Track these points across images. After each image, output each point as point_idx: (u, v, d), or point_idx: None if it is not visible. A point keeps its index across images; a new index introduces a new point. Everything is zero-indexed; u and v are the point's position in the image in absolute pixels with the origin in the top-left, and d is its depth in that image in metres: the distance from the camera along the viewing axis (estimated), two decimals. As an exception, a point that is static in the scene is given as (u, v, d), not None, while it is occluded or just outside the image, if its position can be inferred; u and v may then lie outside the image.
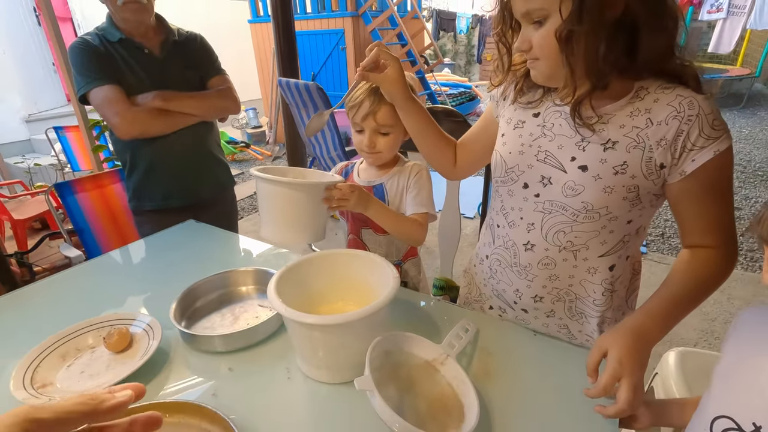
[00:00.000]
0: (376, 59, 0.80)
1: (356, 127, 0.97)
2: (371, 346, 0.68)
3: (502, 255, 0.87)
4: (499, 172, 0.84)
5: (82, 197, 2.08)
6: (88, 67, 1.29)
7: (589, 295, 0.82)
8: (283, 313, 0.70)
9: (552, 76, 0.70)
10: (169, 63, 1.41)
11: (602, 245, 0.77)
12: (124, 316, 0.88)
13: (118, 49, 1.34)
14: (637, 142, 0.68)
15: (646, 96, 0.68)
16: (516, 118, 0.82)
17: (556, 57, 0.65)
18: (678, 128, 0.65)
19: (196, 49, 1.48)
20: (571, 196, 0.74)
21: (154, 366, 0.80)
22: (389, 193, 1.01)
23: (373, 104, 0.92)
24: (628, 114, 0.69)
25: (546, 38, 0.65)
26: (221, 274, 1.00)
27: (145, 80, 1.36)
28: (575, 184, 0.73)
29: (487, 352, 0.83)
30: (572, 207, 0.74)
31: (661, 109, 0.66)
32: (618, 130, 0.69)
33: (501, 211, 0.86)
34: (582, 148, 0.73)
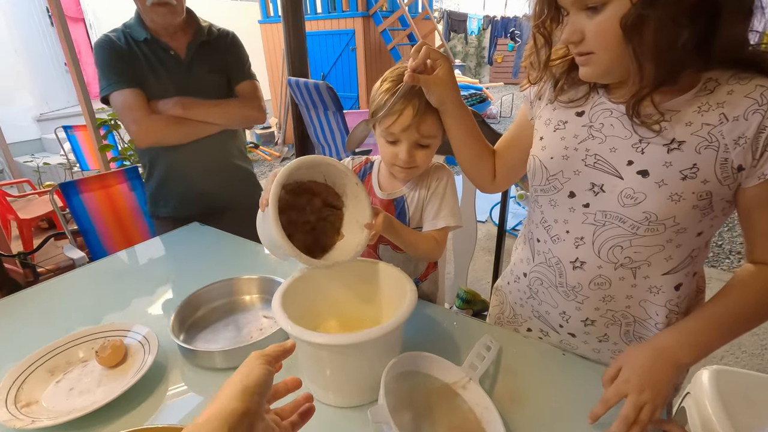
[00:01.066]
0: (425, 59, 0.71)
1: (389, 138, 0.82)
2: (386, 370, 0.61)
3: (544, 273, 0.78)
4: (538, 180, 0.75)
5: (87, 197, 2.04)
6: (111, 68, 1.24)
7: (650, 317, 0.73)
8: (289, 330, 0.63)
9: (609, 71, 0.61)
10: (195, 66, 1.33)
11: (667, 261, 0.68)
12: (118, 327, 0.82)
13: (143, 48, 1.28)
14: (708, 141, 0.59)
15: (716, 88, 0.59)
16: (556, 119, 0.73)
17: (617, 49, 0.56)
18: (760, 123, 0.56)
19: (225, 50, 1.39)
20: (630, 206, 0.65)
21: (150, 383, 0.74)
22: (410, 206, 0.91)
23: (417, 113, 0.77)
24: (695, 109, 0.60)
25: (606, 27, 0.56)
26: (224, 282, 0.94)
27: (169, 84, 1.30)
28: (634, 192, 0.64)
29: (512, 374, 0.76)
30: (631, 218, 0.65)
31: (739, 103, 0.57)
32: (684, 128, 0.60)
33: (542, 223, 0.77)
34: (640, 150, 0.63)
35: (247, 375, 0.43)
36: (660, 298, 0.70)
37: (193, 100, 1.29)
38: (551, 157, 0.72)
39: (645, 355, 0.63)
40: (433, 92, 0.74)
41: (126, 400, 0.69)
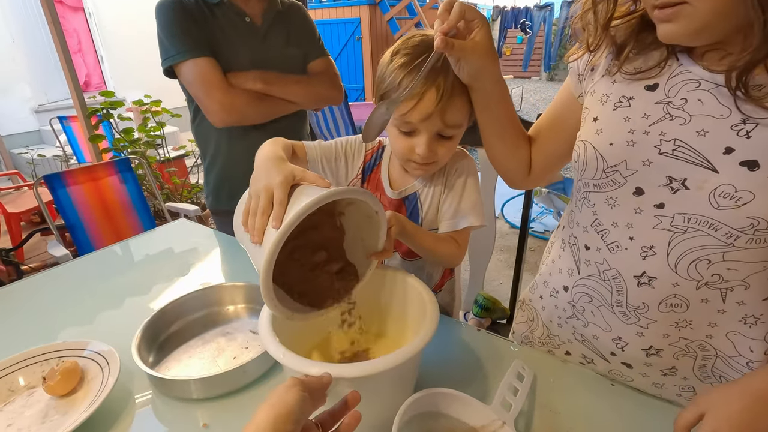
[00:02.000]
0: (460, 19, 0.55)
1: (405, 128, 0.66)
2: (399, 413, 0.47)
3: (594, 288, 0.63)
4: (591, 172, 0.59)
5: (74, 190, 1.92)
6: (182, 32, 1.06)
7: (740, 353, 0.58)
8: (279, 359, 0.50)
9: (705, 27, 0.45)
10: (272, 36, 1.18)
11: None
12: (72, 345, 0.68)
13: (216, 13, 1.11)
14: None
15: None
16: (617, 94, 0.57)
17: None
18: None
19: (300, 22, 1.25)
20: (728, 208, 0.49)
21: (110, 415, 0.61)
22: (424, 204, 0.76)
23: (443, 97, 0.62)
24: None
25: None
26: (203, 291, 0.80)
27: (244, 54, 1.14)
28: (735, 190, 0.48)
29: (551, 411, 0.62)
30: (728, 224, 0.50)
31: None
32: None
33: (593, 227, 0.61)
34: (746, 133, 0.48)
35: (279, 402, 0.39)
36: (758, 330, 0.55)
37: (274, 74, 1.14)
38: (611, 143, 0.56)
39: (740, 401, 0.48)
40: (468, 62, 0.58)
41: (78, 438, 0.56)
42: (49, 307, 0.90)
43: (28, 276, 1.95)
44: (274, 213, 0.49)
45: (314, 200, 0.46)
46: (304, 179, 0.53)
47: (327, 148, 0.77)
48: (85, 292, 0.95)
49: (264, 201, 0.50)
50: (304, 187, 0.53)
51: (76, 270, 1.07)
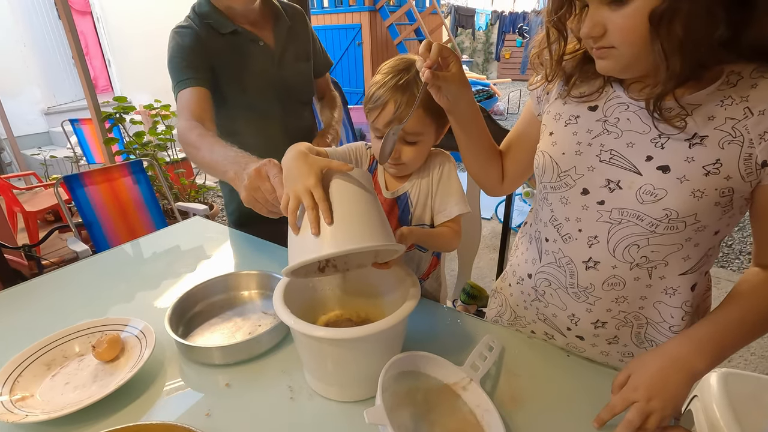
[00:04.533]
0: (438, 56, 0.66)
1: (377, 133, 0.81)
2: (384, 369, 0.59)
3: (552, 274, 0.76)
4: (548, 176, 0.72)
5: (91, 190, 2.05)
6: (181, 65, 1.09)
7: (664, 319, 0.70)
8: (291, 324, 0.62)
9: (630, 66, 0.58)
10: (285, 56, 1.22)
11: (685, 261, 0.66)
12: (115, 321, 0.81)
13: (232, 41, 1.15)
14: (732, 135, 0.57)
15: (739, 81, 0.57)
16: (567, 113, 0.71)
17: (643, 43, 0.54)
18: None
19: (304, 32, 1.28)
20: (649, 203, 0.62)
21: (146, 378, 0.73)
22: (414, 201, 0.88)
23: (399, 107, 0.75)
24: (717, 103, 0.57)
25: (633, 21, 0.53)
26: (223, 277, 0.93)
27: (261, 78, 1.18)
28: (654, 188, 0.61)
29: (514, 375, 0.74)
30: (650, 215, 0.63)
31: (763, 97, 0.55)
32: (707, 122, 0.58)
33: (551, 222, 0.74)
34: (660, 145, 0.61)
35: None
36: (676, 299, 0.68)
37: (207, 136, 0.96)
38: (563, 152, 0.69)
39: (657, 363, 0.61)
40: (447, 90, 0.70)
41: (122, 395, 0.68)
42: (92, 290, 1.03)
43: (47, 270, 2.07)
44: (322, 210, 0.58)
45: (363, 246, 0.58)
46: (330, 167, 0.63)
47: (341, 153, 0.90)
48: (120, 278, 1.07)
49: (308, 200, 0.59)
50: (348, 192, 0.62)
51: (111, 259, 1.19)
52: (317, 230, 0.58)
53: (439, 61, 0.68)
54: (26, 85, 4.83)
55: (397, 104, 0.76)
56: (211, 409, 0.67)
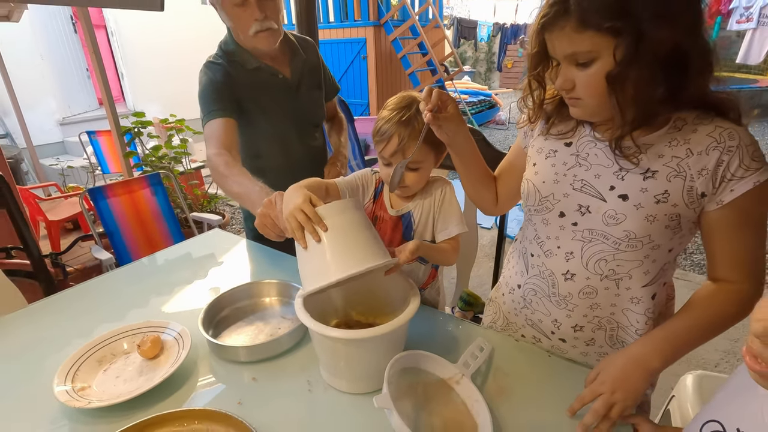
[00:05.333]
0: (438, 100, 0.78)
1: (384, 161, 0.93)
2: (389, 364, 0.71)
3: (537, 285, 0.87)
4: (532, 201, 0.84)
5: (113, 202, 2.18)
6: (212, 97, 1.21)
7: (631, 324, 0.82)
8: (310, 326, 0.74)
9: (595, 113, 0.71)
10: (302, 86, 1.36)
11: (645, 275, 0.77)
12: (156, 324, 0.93)
13: (256, 76, 1.28)
14: (677, 171, 0.69)
15: (684, 126, 0.69)
16: (547, 148, 0.83)
17: (603, 97, 0.66)
18: (718, 158, 0.66)
19: (316, 62, 1.42)
20: (612, 225, 0.74)
21: (184, 372, 0.85)
22: (416, 220, 1.00)
23: (402, 140, 0.87)
24: (666, 144, 0.70)
25: (594, 80, 0.65)
26: (246, 285, 1.05)
27: (282, 108, 1.32)
28: (616, 213, 0.73)
29: (503, 372, 0.85)
30: (614, 236, 0.75)
31: (701, 140, 0.67)
32: (657, 159, 0.70)
33: (535, 239, 0.86)
34: (621, 177, 0.73)
35: None
36: (640, 307, 0.79)
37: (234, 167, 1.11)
38: (543, 181, 0.81)
39: (620, 361, 0.73)
40: (446, 127, 0.82)
41: (164, 387, 0.80)
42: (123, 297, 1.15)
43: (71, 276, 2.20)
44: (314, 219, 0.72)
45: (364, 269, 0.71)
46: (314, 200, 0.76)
47: (349, 181, 1.02)
48: (148, 287, 1.19)
49: (301, 216, 0.73)
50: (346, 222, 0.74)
51: (138, 269, 1.31)
52: (318, 238, 0.72)
53: (439, 104, 0.80)
54: (43, 96, 5.01)
55: (401, 137, 0.88)
56: (242, 399, 0.78)
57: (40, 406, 0.78)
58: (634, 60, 0.60)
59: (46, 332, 1.00)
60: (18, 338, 0.98)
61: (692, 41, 0.61)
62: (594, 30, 0.61)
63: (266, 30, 1.20)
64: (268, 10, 1.17)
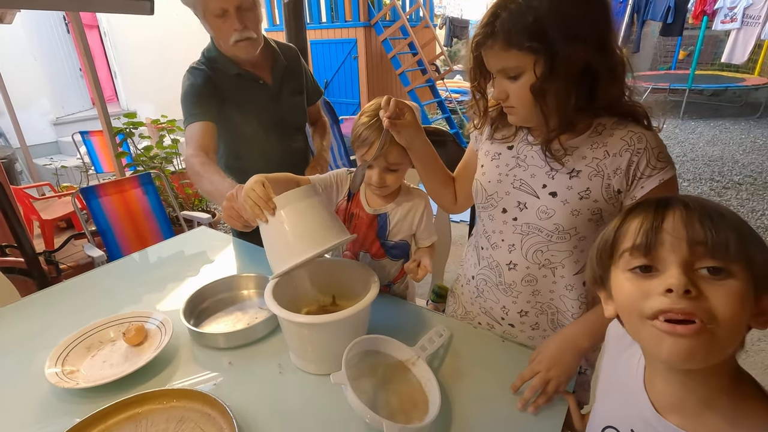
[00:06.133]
0: (396, 109, 0.85)
1: (367, 165, 0.98)
2: (349, 346, 0.78)
3: (487, 275, 0.96)
4: (480, 199, 0.93)
5: (105, 201, 2.24)
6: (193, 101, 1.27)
7: (567, 309, 0.90)
8: (278, 313, 0.81)
9: (527, 119, 0.79)
10: (282, 91, 1.41)
11: (576, 264, 0.85)
12: (140, 313, 1.00)
13: (237, 82, 1.34)
14: (597, 171, 0.78)
15: (603, 131, 0.78)
16: (493, 151, 0.91)
17: (531, 106, 0.74)
18: (629, 159, 0.75)
19: (298, 68, 1.48)
20: (544, 219, 0.83)
21: (166, 357, 0.92)
22: (392, 221, 1.08)
23: (383, 144, 0.92)
24: (589, 147, 0.78)
25: (522, 91, 0.74)
26: (226, 279, 1.12)
27: (262, 113, 1.38)
28: (547, 208, 0.82)
29: (458, 355, 0.93)
30: (546, 228, 0.84)
31: (616, 143, 0.76)
32: (581, 160, 0.79)
33: (484, 234, 0.95)
34: (551, 176, 0.82)
35: None
36: (573, 293, 0.87)
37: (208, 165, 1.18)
38: (489, 180, 0.90)
39: (556, 342, 0.81)
40: (404, 133, 0.89)
41: (147, 371, 0.87)
42: (112, 291, 1.22)
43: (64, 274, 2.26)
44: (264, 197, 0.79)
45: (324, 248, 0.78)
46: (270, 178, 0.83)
47: (324, 179, 1.09)
48: (136, 281, 1.27)
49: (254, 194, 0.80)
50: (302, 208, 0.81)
51: (128, 265, 1.39)
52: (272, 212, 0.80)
53: (397, 111, 0.87)
54: (36, 96, 5.05)
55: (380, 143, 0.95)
56: (217, 381, 0.86)
57: (31, 390, 0.85)
58: (551, 75, 0.69)
59: (38, 323, 1.07)
60: (10, 329, 1.05)
61: (601, 58, 0.70)
62: (517, 49, 0.69)
63: (246, 39, 1.25)
64: (248, 21, 1.23)
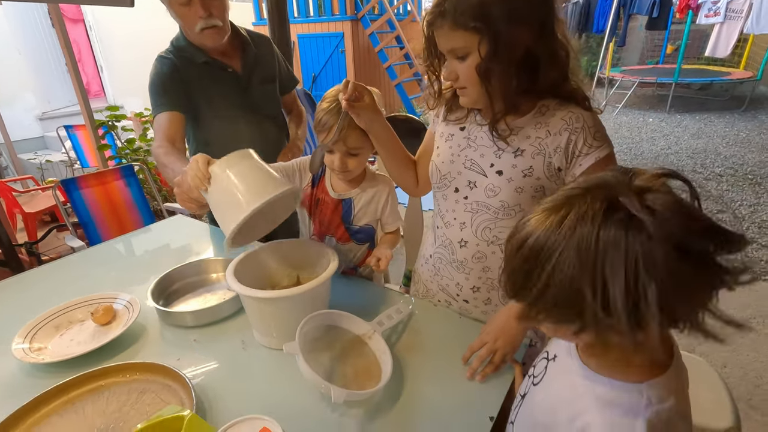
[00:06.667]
0: (354, 91, 0.86)
1: (326, 148, 1.01)
2: (304, 320, 0.82)
3: (442, 253, 0.99)
4: (435, 179, 0.96)
5: (86, 193, 2.25)
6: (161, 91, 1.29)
7: None
8: (237, 289, 0.84)
9: (477, 100, 0.82)
10: (252, 80, 1.41)
11: None
12: (108, 295, 1.03)
13: (205, 71, 1.35)
14: (539, 149, 0.81)
15: (546, 112, 0.82)
16: (447, 132, 0.95)
17: (478, 86, 0.77)
18: (568, 137, 0.79)
19: (270, 57, 1.48)
20: (491, 197, 0.87)
21: (133, 336, 0.95)
22: (356, 206, 1.11)
23: (340, 132, 0.95)
24: (533, 127, 0.82)
25: (469, 71, 0.76)
26: (195, 263, 1.15)
27: (231, 102, 1.39)
28: (494, 186, 0.86)
29: (416, 332, 0.97)
30: (493, 206, 0.87)
31: (556, 123, 0.80)
32: (525, 140, 0.83)
33: (439, 213, 0.99)
34: (498, 155, 0.86)
35: None
36: None
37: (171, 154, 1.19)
38: (443, 161, 0.93)
39: (503, 315, 0.85)
40: (363, 116, 0.91)
41: (114, 348, 0.90)
42: (86, 275, 1.24)
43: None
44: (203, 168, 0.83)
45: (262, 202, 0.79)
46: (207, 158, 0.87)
47: (286, 166, 1.12)
48: (110, 267, 1.29)
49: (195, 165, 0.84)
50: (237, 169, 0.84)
51: (103, 251, 1.41)
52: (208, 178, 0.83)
53: (356, 94, 0.90)
54: (21, 91, 5.01)
55: (339, 128, 0.97)
56: (181, 357, 0.89)
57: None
58: (495, 56, 0.72)
59: (11, 306, 1.10)
60: (-16, 311, 1.08)
61: (542, 44, 0.73)
62: (463, 29, 0.72)
63: (211, 27, 1.25)
64: (213, 8, 1.24)
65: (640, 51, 8.68)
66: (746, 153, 4.80)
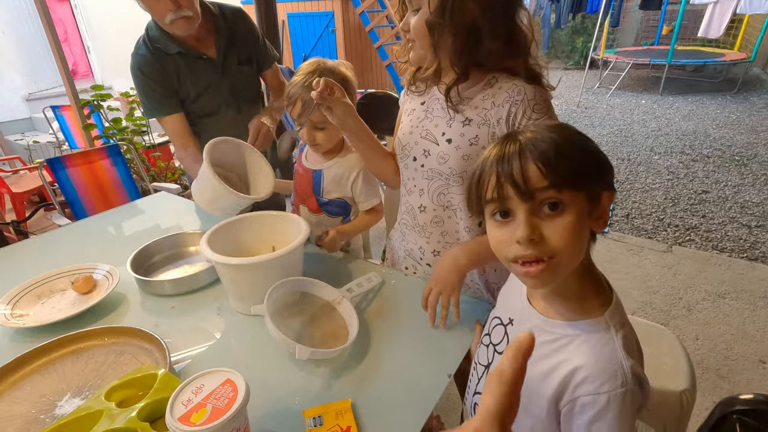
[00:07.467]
0: (327, 86, 0.86)
1: (295, 134, 1.08)
2: (274, 285, 0.85)
3: (406, 219, 1.04)
4: (398, 150, 1.00)
5: (72, 172, 2.26)
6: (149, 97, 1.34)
7: None
8: (212, 258, 0.88)
9: (423, 57, 0.85)
10: (227, 63, 1.40)
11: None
12: (87, 265, 1.06)
13: (179, 60, 1.34)
14: (484, 120, 0.85)
15: (495, 84, 0.85)
16: (410, 107, 0.98)
17: (426, 42, 0.80)
18: (509, 109, 0.83)
19: (245, 34, 1.44)
20: (442, 164, 0.90)
21: (112, 304, 0.99)
22: (325, 179, 1.14)
23: (305, 105, 0.99)
24: (481, 98, 0.85)
25: (419, 23, 0.80)
26: (174, 236, 1.18)
27: (209, 89, 1.39)
28: (444, 154, 0.89)
29: (386, 298, 1.01)
30: (444, 173, 0.91)
31: (501, 95, 0.83)
32: (473, 110, 0.86)
33: (403, 182, 1.03)
34: (449, 125, 0.89)
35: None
36: (472, 234, 0.95)
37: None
38: (404, 133, 0.97)
39: (444, 262, 0.90)
40: (335, 110, 0.91)
41: (93, 315, 0.94)
42: (70, 248, 1.27)
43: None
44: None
45: None
46: None
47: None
48: (94, 240, 1.32)
49: None
50: None
51: (88, 225, 1.44)
52: None
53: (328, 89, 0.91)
54: (6, 71, 4.94)
55: (304, 100, 1.01)
56: (158, 322, 0.93)
57: (-16, 331, 0.91)
58: (442, 14, 0.75)
59: (-5, 277, 1.13)
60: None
61: (487, 18, 0.76)
62: None
63: (181, 18, 1.24)
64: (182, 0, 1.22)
65: (636, 32, 8.61)
66: (735, 135, 4.83)
